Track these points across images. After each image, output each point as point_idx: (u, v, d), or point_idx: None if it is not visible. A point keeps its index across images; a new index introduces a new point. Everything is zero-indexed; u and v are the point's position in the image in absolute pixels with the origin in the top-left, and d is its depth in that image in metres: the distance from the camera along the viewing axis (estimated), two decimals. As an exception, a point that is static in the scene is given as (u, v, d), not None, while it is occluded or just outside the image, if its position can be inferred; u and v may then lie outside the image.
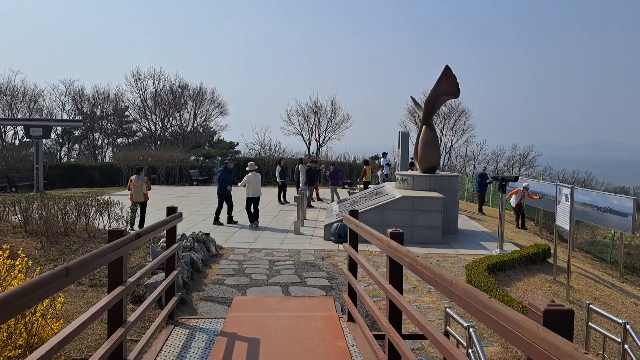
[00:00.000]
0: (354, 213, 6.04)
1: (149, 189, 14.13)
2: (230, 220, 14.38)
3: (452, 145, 35.06)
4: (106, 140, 44.85)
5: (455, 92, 12.58)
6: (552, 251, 11.45)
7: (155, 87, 39.08)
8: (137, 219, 13.15)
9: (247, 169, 14.19)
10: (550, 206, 17.55)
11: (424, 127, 14.12)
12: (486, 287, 7.55)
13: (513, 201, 16.31)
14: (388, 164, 23.87)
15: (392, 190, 13.84)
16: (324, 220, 14.51)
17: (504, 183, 11.49)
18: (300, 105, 36.13)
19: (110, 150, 43.90)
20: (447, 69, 12.14)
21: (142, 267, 6.87)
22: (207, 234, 10.79)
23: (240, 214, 16.46)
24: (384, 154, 25.88)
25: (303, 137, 36.22)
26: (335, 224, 12.33)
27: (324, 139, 35.84)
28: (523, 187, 16.22)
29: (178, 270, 6.05)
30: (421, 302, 7.56)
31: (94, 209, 9.79)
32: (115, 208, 10.06)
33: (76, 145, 44.16)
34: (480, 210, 19.78)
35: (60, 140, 42.26)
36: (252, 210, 14.01)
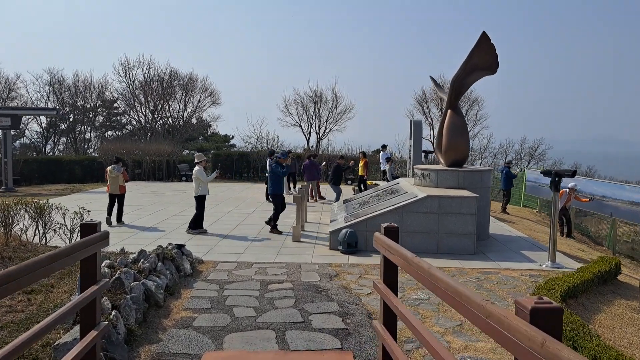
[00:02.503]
0: (391, 232, 3.64)
1: (127, 180, 12.60)
2: (275, 228, 11.85)
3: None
4: (95, 134, 42.48)
5: (492, 66, 10.16)
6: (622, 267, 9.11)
7: (144, 76, 36.57)
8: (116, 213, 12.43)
9: (196, 160, 11.67)
10: (603, 209, 15.14)
11: (449, 111, 11.70)
12: (573, 331, 5.17)
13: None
14: (389, 158, 21.43)
15: (410, 188, 11.45)
16: (329, 224, 12.13)
17: (557, 179, 9.09)
18: (299, 94, 33.57)
19: (98, 143, 41.49)
20: (484, 37, 9.70)
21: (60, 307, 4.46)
22: (182, 246, 8.39)
23: (177, 217, 14.16)
24: (384, 147, 23.41)
25: (302, 129, 33.75)
26: (343, 230, 9.95)
27: (324, 131, 33.39)
28: (569, 188, 13.78)
29: (104, 327, 3.65)
30: (475, 351, 5.17)
31: (27, 215, 7.37)
32: (56, 214, 7.63)
33: (63, 139, 41.77)
34: (504, 209, 17.42)
35: (46, 133, 39.87)
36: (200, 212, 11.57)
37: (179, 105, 36.41)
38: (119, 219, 12.61)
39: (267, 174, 17.47)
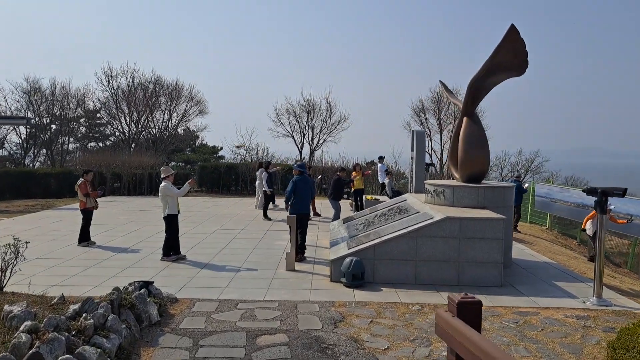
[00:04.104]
0: (470, 310, 2.07)
1: (86, 194, 11.15)
2: (302, 251, 10.17)
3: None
4: (76, 145, 40.63)
5: (520, 66, 8.67)
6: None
7: (128, 85, 34.83)
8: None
9: (163, 174, 10.14)
10: (630, 229, 13.55)
11: (465, 119, 10.22)
12: None
13: (589, 228, 12.15)
14: (387, 171, 20.00)
15: (421, 207, 9.91)
16: (328, 247, 10.54)
17: (604, 199, 7.59)
18: (291, 104, 32.01)
19: (80, 155, 39.61)
20: (513, 30, 8.22)
21: None
22: (149, 283, 6.77)
23: (154, 239, 12.54)
24: (381, 158, 21.93)
25: (294, 140, 32.15)
26: (347, 259, 8.35)
27: (318, 142, 31.81)
28: None
29: None
30: None
31: None
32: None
33: (45, 150, 39.89)
34: (515, 227, 15.90)
35: (25, 145, 37.96)
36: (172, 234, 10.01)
37: (164, 115, 34.69)
38: (80, 239, 11.11)
39: (262, 189, 15.91)
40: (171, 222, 9.89)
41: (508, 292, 8.16)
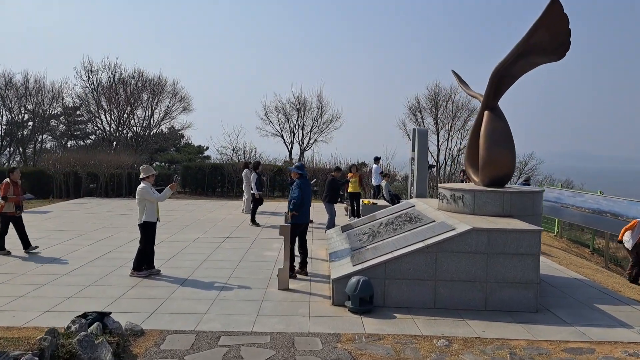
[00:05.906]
0: None
1: (4, 196, 9.79)
2: (303, 268, 8.78)
3: (460, 150, 29.66)
4: (54, 143, 38.77)
5: (561, 47, 7.27)
6: None
7: (110, 81, 33.08)
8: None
9: (142, 175, 8.61)
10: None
11: (486, 113, 8.84)
12: None
13: (629, 240, 10.66)
14: (382, 173, 18.58)
15: (436, 215, 8.51)
16: (327, 260, 9.09)
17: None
18: (281, 101, 30.60)
19: (59, 154, 37.72)
20: (555, 4, 6.83)
21: None
22: (105, 315, 5.26)
23: (125, 249, 11.05)
24: (377, 159, 20.55)
25: (284, 139, 30.69)
26: (354, 279, 6.90)
27: (308, 142, 30.36)
28: None
29: None
30: None
31: None
32: None
33: (21, 149, 37.95)
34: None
35: (1, 142, 36.03)
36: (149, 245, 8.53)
37: (146, 112, 32.95)
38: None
39: (256, 192, 14.30)
40: (147, 230, 8.39)
41: (547, 319, 6.77)
